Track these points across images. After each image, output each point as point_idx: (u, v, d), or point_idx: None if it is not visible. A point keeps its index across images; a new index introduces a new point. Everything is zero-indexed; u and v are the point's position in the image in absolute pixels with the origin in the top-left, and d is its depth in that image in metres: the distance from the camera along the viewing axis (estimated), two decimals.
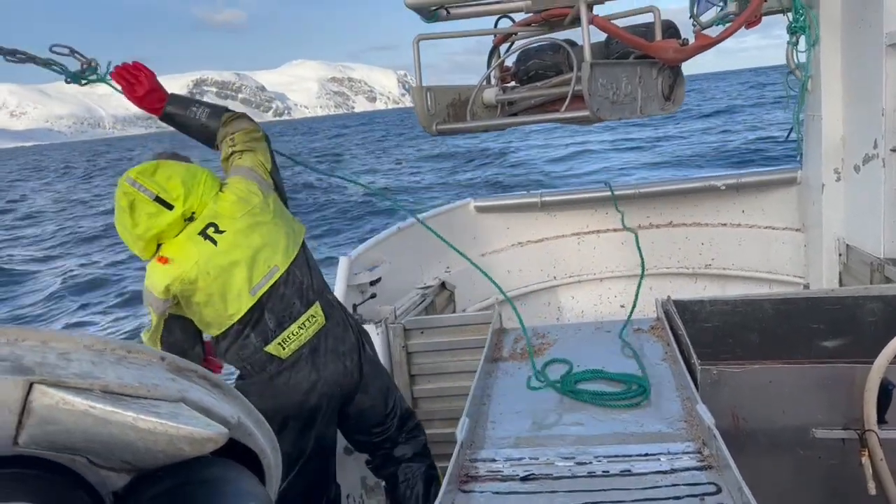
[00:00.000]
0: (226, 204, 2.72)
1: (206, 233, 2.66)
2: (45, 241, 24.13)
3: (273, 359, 2.76)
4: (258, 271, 2.71)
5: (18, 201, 39.15)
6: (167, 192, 2.61)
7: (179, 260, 2.63)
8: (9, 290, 16.69)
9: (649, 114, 3.71)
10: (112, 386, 0.93)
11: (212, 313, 2.69)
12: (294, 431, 2.84)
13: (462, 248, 5.56)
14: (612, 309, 5.72)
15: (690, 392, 2.45)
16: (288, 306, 2.76)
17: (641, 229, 5.64)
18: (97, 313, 14.08)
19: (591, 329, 3.41)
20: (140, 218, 2.60)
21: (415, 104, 3.62)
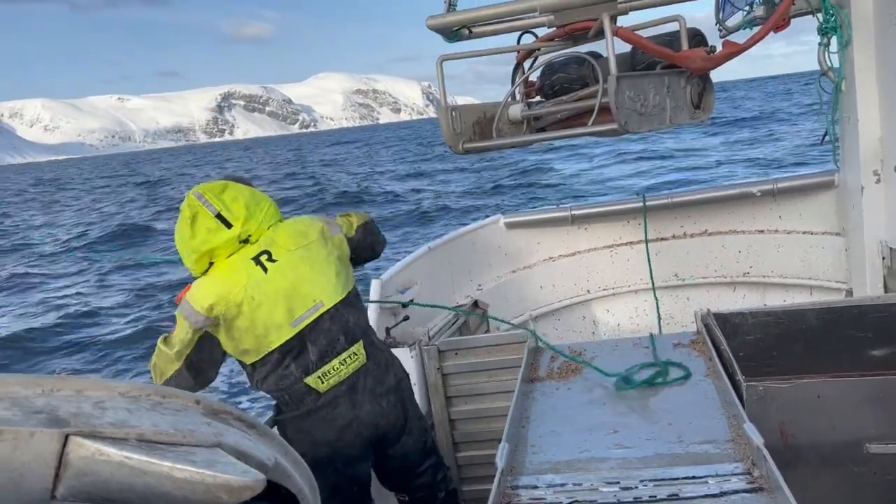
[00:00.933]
0: (283, 234, 2.79)
1: (259, 259, 2.72)
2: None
3: (311, 391, 2.77)
4: (302, 304, 2.74)
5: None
6: (230, 211, 2.70)
7: (228, 281, 2.68)
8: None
9: (679, 123, 3.67)
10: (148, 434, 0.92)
11: (252, 340, 2.71)
12: (328, 468, 2.83)
13: (493, 265, 5.54)
14: (650, 322, 5.64)
15: (737, 410, 2.39)
16: (332, 341, 2.77)
17: (675, 239, 5.57)
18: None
19: (629, 345, 3.35)
20: (199, 231, 2.68)
21: (441, 124, 3.62)
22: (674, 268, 5.57)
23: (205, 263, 2.75)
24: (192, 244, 2.70)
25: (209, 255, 2.73)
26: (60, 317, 16.13)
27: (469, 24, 3.49)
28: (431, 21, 3.42)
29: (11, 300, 18.61)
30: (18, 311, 17.33)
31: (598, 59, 3.57)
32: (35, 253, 26.59)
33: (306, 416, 2.78)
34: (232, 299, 2.66)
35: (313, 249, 2.82)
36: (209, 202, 2.70)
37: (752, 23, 3.89)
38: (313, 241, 2.84)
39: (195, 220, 2.69)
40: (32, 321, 16.13)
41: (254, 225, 2.75)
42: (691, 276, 5.52)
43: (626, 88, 3.22)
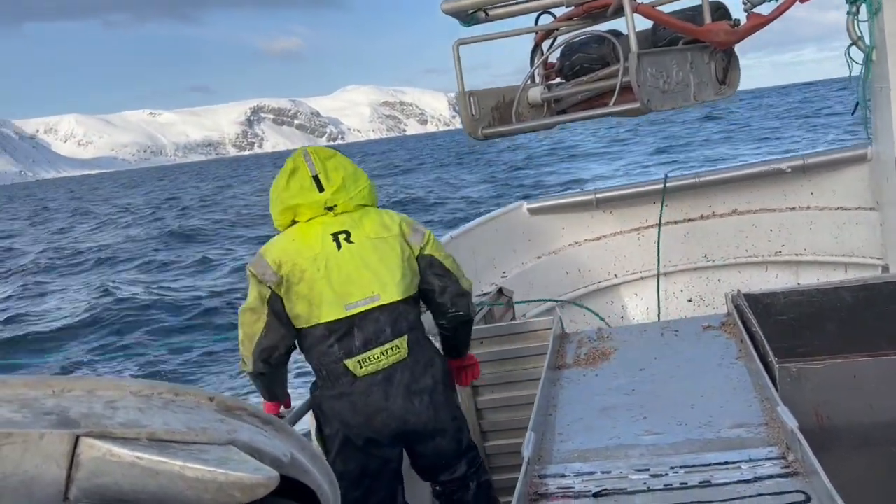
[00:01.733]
0: (369, 221, 2.89)
1: (337, 236, 2.82)
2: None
3: (348, 373, 2.81)
4: (360, 291, 2.80)
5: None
6: (327, 177, 2.84)
7: (302, 246, 2.79)
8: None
9: (704, 100, 3.60)
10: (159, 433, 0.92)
11: (305, 307, 2.79)
12: (356, 450, 2.87)
13: (517, 251, 5.51)
14: (679, 304, 5.58)
15: (769, 392, 2.34)
16: (378, 331, 2.82)
17: (704, 219, 5.49)
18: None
19: (658, 330, 3.31)
20: (293, 185, 2.83)
21: (459, 110, 3.60)
22: (703, 249, 5.50)
23: (287, 218, 2.88)
24: (282, 195, 2.85)
25: (293, 211, 2.86)
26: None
27: (485, 6, 3.44)
28: (446, 5, 3.38)
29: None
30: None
31: (618, 37, 3.51)
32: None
33: (339, 398, 2.84)
34: (299, 263, 2.77)
35: (389, 244, 2.88)
36: (312, 163, 2.85)
37: None
38: (392, 236, 2.90)
39: (293, 174, 2.85)
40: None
41: (343, 197, 2.85)
42: (721, 256, 5.45)
43: (648, 66, 3.16)
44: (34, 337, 15.46)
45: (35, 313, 18.03)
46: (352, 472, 2.86)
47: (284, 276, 2.77)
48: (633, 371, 2.90)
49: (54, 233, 38.76)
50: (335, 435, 2.86)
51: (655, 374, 2.84)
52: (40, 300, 19.80)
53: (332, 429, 2.87)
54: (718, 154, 34.10)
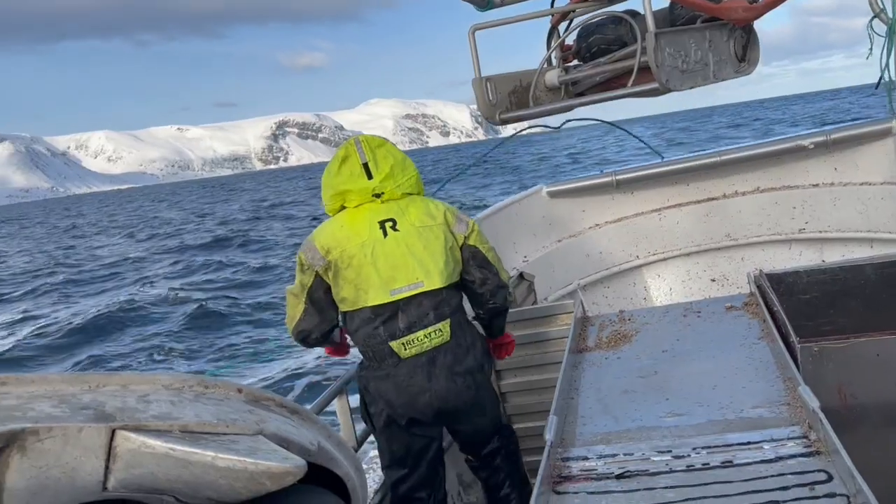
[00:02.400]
0: (414, 209, 2.99)
1: (384, 224, 2.92)
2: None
3: (393, 355, 2.92)
4: (405, 277, 2.89)
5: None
6: (376, 165, 2.94)
7: (350, 232, 2.90)
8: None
9: (724, 78, 3.57)
10: (191, 425, 0.96)
11: (351, 291, 2.90)
12: (400, 429, 3.00)
13: (537, 235, 5.51)
14: (702, 285, 5.56)
15: (791, 372, 2.35)
16: (422, 315, 2.92)
17: (727, 198, 5.46)
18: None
19: (680, 311, 3.32)
20: (343, 171, 2.94)
21: (476, 96, 3.60)
22: (726, 228, 5.47)
23: (337, 203, 2.99)
24: (333, 181, 2.96)
25: (342, 197, 2.96)
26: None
27: None
28: None
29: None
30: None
31: (635, 17, 3.48)
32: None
33: (384, 378, 2.94)
34: (347, 249, 2.87)
35: (434, 232, 2.97)
36: (363, 150, 2.95)
37: None
38: (437, 225, 2.99)
39: (345, 161, 2.95)
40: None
41: (391, 185, 2.95)
42: (744, 235, 5.41)
43: (666, 45, 3.14)
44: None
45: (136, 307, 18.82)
46: (396, 451, 3.01)
47: (332, 261, 2.89)
48: (655, 353, 2.91)
49: (163, 239, 39.14)
50: (380, 414, 2.98)
51: (677, 355, 2.85)
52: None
53: (377, 408, 2.99)
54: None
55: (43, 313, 20.16)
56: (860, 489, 1.66)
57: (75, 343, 16.08)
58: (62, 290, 24.32)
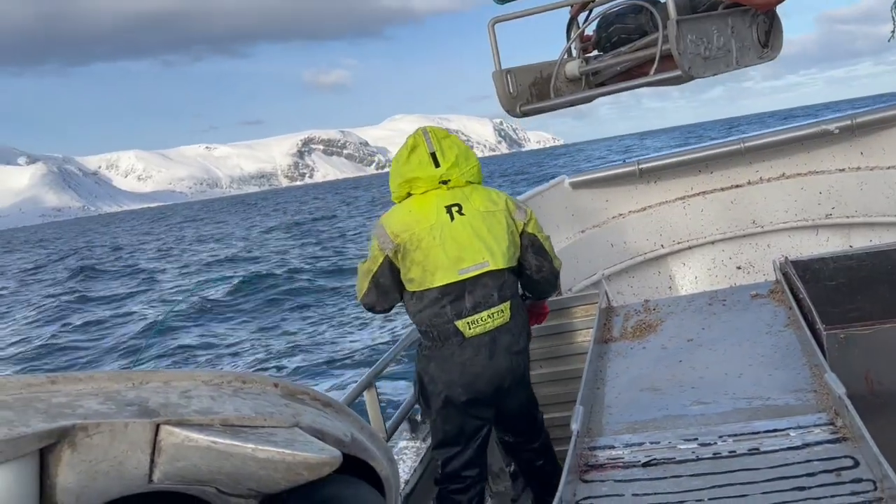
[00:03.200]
0: (477, 196, 3.16)
1: (450, 208, 3.08)
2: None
3: (458, 334, 3.06)
4: (471, 258, 3.05)
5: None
6: (443, 154, 3.12)
7: (419, 216, 3.06)
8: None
9: (747, 64, 3.54)
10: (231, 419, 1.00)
11: (419, 272, 3.05)
12: (457, 410, 3.11)
13: (560, 226, 5.51)
14: (728, 272, 5.53)
15: (818, 359, 2.35)
16: (487, 296, 3.07)
17: (751, 185, 5.41)
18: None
19: (706, 299, 3.31)
20: (413, 159, 3.11)
21: (496, 88, 3.61)
22: (751, 215, 5.43)
23: (404, 190, 3.16)
24: (402, 169, 3.13)
25: (410, 184, 3.13)
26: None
27: None
28: None
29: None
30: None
31: (655, 4, 3.47)
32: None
33: (448, 358, 3.07)
34: (416, 232, 3.03)
35: (496, 217, 3.14)
36: (431, 140, 3.13)
37: None
38: (499, 211, 3.16)
39: (413, 150, 3.13)
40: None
41: (456, 173, 3.12)
42: (770, 221, 5.37)
43: (688, 32, 3.12)
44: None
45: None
46: (449, 430, 3.15)
47: (402, 244, 3.03)
48: (681, 342, 2.92)
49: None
50: (439, 395, 3.11)
51: (703, 344, 2.85)
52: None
53: (436, 388, 3.11)
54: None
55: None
56: (886, 475, 1.67)
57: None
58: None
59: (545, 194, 5.46)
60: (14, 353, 17.13)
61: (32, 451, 0.84)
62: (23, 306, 25.73)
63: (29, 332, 19.85)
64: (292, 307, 18.33)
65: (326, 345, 13.92)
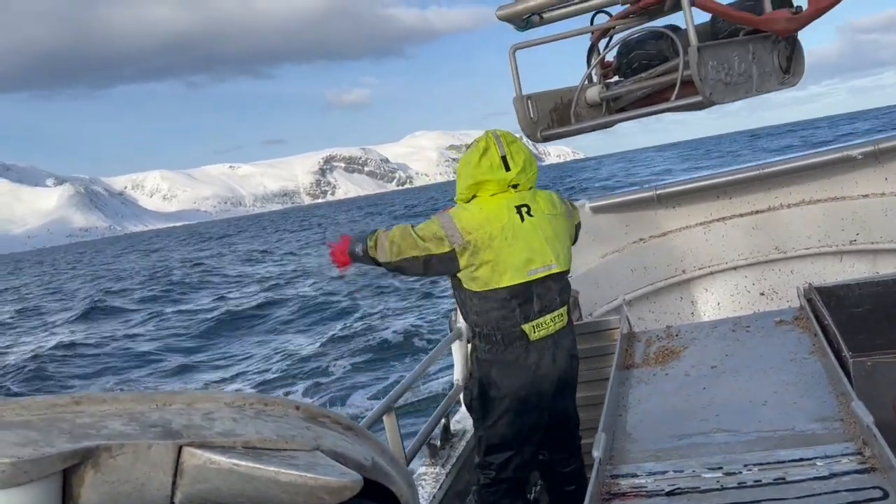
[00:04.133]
0: (542, 198, 3.26)
1: (520, 209, 3.14)
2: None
3: (523, 337, 3.08)
4: (540, 259, 3.10)
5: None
6: (512, 158, 3.15)
7: (492, 215, 3.09)
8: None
9: (768, 90, 3.54)
10: (253, 441, 1.00)
11: (488, 272, 3.06)
12: (517, 414, 3.12)
13: (581, 251, 5.49)
14: (751, 298, 5.47)
15: (844, 387, 2.31)
16: (552, 300, 3.13)
17: (773, 210, 5.37)
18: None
19: (729, 326, 3.28)
20: (484, 162, 3.13)
21: (517, 113, 3.62)
22: (773, 240, 5.38)
23: (472, 192, 3.19)
24: (473, 171, 3.15)
25: (479, 186, 3.16)
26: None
27: (539, 10, 3.47)
28: (501, 11, 3.42)
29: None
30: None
31: (676, 31, 3.48)
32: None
33: (513, 362, 3.09)
34: (489, 231, 3.05)
35: (559, 220, 3.25)
36: (501, 144, 3.17)
37: None
38: (560, 214, 3.28)
39: (485, 153, 3.15)
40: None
41: (524, 177, 3.17)
42: (793, 247, 5.32)
43: (709, 59, 3.13)
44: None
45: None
46: (507, 435, 3.16)
47: (472, 241, 3.05)
48: (704, 369, 2.89)
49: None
50: (501, 399, 3.12)
51: (727, 371, 2.82)
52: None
53: (498, 393, 3.12)
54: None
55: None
56: None
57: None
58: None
59: None
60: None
61: (56, 472, 0.84)
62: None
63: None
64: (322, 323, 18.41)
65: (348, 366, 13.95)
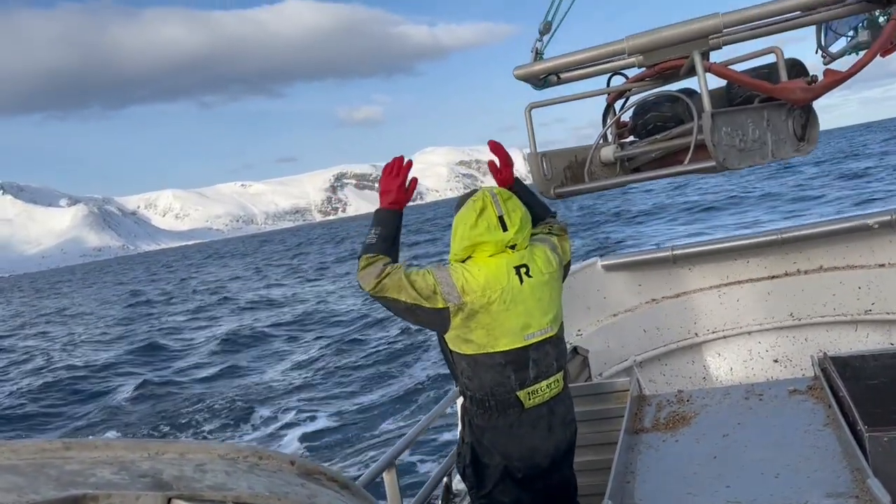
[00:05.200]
0: (540, 257, 3.14)
1: (519, 269, 3.04)
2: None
3: (518, 404, 2.98)
4: (537, 323, 3.02)
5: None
6: (510, 218, 3.06)
7: (492, 277, 2.99)
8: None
9: (782, 157, 3.54)
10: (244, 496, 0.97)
11: (483, 336, 2.97)
12: (514, 483, 3.02)
13: (592, 309, 5.45)
14: (765, 365, 5.39)
15: (860, 463, 2.24)
16: (548, 365, 3.04)
17: (789, 276, 5.33)
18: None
19: (742, 393, 3.22)
20: (481, 223, 3.03)
21: (531, 171, 3.65)
22: (788, 307, 5.32)
23: (468, 253, 3.08)
24: (471, 233, 3.05)
25: (475, 248, 3.06)
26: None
27: (557, 70, 3.52)
28: (519, 71, 3.48)
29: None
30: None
31: (691, 95, 3.51)
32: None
33: (507, 430, 3.00)
34: (487, 294, 2.95)
35: (554, 278, 3.16)
36: (498, 203, 3.07)
37: (856, 48, 3.74)
38: (555, 271, 3.18)
39: (482, 213, 3.04)
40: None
41: (521, 237, 3.09)
42: (808, 315, 5.26)
43: (723, 125, 3.15)
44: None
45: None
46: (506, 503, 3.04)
47: (468, 303, 2.95)
48: (716, 437, 2.83)
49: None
50: (496, 467, 3.02)
51: (739, 440, 2.75)
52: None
53: (492, 461, 3.02)
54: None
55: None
56: None
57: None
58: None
59: (577, 275, 5.43)
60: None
61: None
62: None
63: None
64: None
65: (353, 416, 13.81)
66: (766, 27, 3.30)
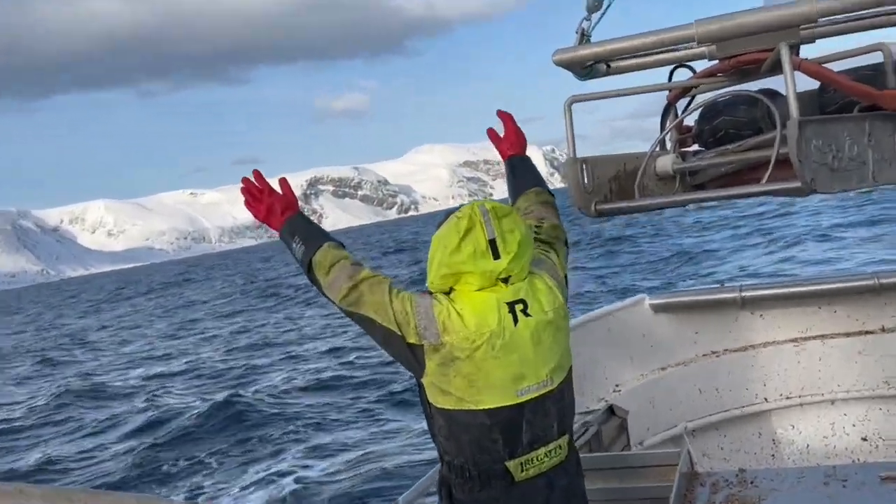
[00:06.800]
0: (541, 291, 2.95)
1: (513, 306, 2.85)
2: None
3: (506, 476, 2.87)
4: (534, 375, 2.86)
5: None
6: (504, 242, 2.84)
7: (479, 320, 2.81)
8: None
9: (887, 182, 3.54)
10: None
11: (464, 387, 2.82)
12: None
13: (635, 359, 5.45)
14: (850, 443, 5.36)
15: None
16: (547, 427, 2.91)
17: (886, 332, 5.32)
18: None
19: (820, 477, 3.21)
20: (465, 248, 2.82)
21: (567, 180, 3.66)
22: (884, 371, 5.31)
23: (447, 284, 2.90)
24: (450, 259, 2.85)
25: (457, 278, 2.87)
26: None
27: (607, 58, 3.55)
28: (559, 56, 3.50)
29: None
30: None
31: (774, 98, 3.54)
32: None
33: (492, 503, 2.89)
34: (472, 339, 2.79)
35: (560, 316, 2.98)
36: (490, 222, 2.84)
37: None
38: (560, 307, 2.99)
39: (467, 235, 2.83)
40: None
41: (518, 267, 2.87)
42: None
43: (813, 136, 3.16)
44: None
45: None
46: None
47: (448, 345, 2.81)
48: None
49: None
50: None
51: None
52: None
53: None
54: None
55: None
56: None
57: None
58: None
59: (618, 315, 5.43)
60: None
61: None
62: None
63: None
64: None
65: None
66: (872, 18, 3.32)
